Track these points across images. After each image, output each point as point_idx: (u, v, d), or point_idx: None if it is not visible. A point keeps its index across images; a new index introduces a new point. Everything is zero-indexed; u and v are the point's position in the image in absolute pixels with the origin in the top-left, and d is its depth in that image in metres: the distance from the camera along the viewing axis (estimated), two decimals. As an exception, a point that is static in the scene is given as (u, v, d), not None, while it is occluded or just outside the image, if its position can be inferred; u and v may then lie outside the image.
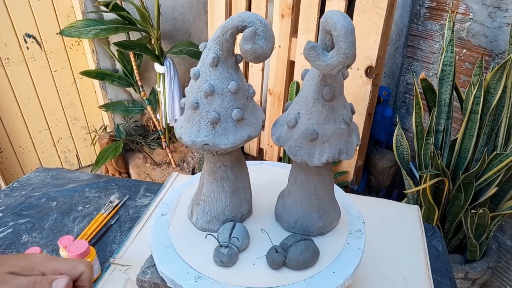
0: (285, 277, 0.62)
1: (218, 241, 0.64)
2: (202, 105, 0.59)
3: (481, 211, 1.35)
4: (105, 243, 0.93)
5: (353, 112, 0.62)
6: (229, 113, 0.60)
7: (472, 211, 1.38)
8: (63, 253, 0.84)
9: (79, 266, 0.47)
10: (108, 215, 1.00)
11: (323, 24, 0.49)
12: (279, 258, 0.62)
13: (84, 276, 0.47)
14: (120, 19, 1.87)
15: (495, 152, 1.34)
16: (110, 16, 1.91)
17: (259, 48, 0.54)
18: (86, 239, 0.92)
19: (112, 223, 0.98)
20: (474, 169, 1.32)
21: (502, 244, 1.68)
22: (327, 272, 0.63)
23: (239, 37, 0.56)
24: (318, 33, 0.56)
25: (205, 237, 0.66)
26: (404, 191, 1.61)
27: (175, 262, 0.63)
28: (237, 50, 0.58)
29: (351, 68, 1.57)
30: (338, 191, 0.78)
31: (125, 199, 1.06)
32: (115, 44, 1.85)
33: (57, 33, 1.93)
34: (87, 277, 0.47)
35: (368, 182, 2.03)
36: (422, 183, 1.45)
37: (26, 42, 1.89)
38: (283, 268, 0.63)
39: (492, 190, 1.37)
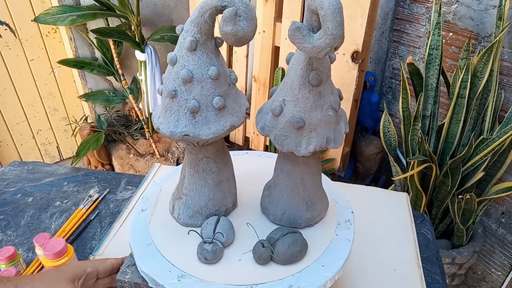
0: (272, 272, 0.59)
1: (202, 237, 0.61)
2: (181, 93, 0.55)
3: (468, 196, 1.34)
4: (84, 239, 0.89)
5: (341, 98, 0.59)
6: (210, 101, 0.56)
7: (459, 196, 1.38)
8: (39, 251, 0.79)
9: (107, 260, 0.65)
10: (87, 210, 0.96)
11: (309, 2, 0.46)
12: (266, 253, 0.59)
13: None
14: (97, 4, 1.79)
15: (481, 137, 1.33)
16: (87, 1, 1.83)
17: (240, 30, 0.50)
18: (64, 236, 0.88)
19: (91, 218, 0.94)
20: (461, 154, 1.32)
21: (488, 228, 1.69)
22: (316, 266, 0.60)
23: (219, 18, 0.52)
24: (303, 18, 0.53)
25: (188, 233, 0.63)
26: (392, 178, 1.60)
27: (157, 260, 0.60)
28: (217, 33, 0.54)
29: (337, 53, 1.54)
30: (325, 180, 0.76)
31: (105, 193, 1.02)
32: (93, 31, 1.78)
33: (32, 20, 1.84)
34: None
35: (355, 169, 2.02)
36: (410, 169, 1.44)
37: (-2, 29, 1.81)
38: (271, 263, 0.60)
39: (479, 174, 1.37)
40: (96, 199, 1.00)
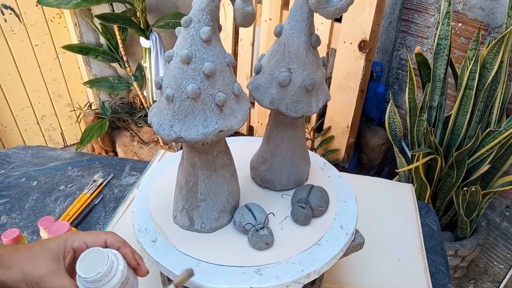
0: (320, 225, 0.63)
1: (254, 226, 0.60)
2: (204, 90, 0.52)
3: (473, 188, 1.34)
4: (88, 223, 0.89)
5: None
6: (231, 90, 0.55)
7: (464, 188, 1.37)
8: (43, 234, 0.80)
9: (100, 235, 0.51)
10: (91, 194, 0.96)
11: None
12: (309, 212, 0.63)
13: (110, 241, 0.50)
14: (102, -11, 1.77)
15: (488, 129, 1.32)
16: (92, -14, 1.81)
17: (253, 8, 0.51)
18: (68, 220, 0.88)
19: (96, 203, 0.94)
20: (467, 146, 1.30)
21: (491, 221, 1.69)
22: (340, 203, 0.67)
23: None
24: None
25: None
26: (396, 170, 1.59)
27: (223, 273, 0.56)
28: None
29: (344, 42, 1.52)
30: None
31: (109, 178, 1.02)
32: (97, 16, 1.76)
33: (36, 2, 1.83)
34: (113, 240, 0.51)
35: (359, 160, 2.01)
36: (415, 160, 1.43)
37: (3, 14, 1.80)
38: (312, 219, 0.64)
39: (485, 167, 1.36)
40: (101, 184, 1.00)
